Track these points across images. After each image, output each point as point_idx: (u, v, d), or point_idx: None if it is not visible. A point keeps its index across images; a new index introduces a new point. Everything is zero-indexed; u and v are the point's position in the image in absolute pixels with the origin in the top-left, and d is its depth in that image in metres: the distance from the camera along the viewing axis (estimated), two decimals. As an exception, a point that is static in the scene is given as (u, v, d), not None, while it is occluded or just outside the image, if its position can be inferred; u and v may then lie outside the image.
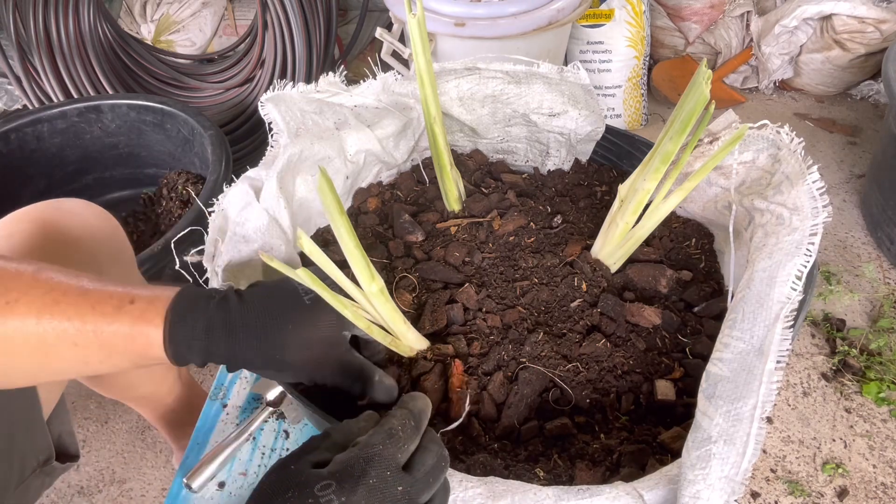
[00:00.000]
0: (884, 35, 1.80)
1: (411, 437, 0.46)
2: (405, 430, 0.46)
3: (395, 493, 0.42)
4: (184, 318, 0.49)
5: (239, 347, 0.50)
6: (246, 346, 0.50)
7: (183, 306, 0.49)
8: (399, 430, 0.45)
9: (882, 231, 1.51)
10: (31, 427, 0.70)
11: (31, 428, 0.70)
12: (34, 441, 0.71)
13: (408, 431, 0.46)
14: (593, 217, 0.83)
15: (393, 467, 0.43)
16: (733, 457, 0.46)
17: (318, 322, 0.52)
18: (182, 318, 0.49)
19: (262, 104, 0.76)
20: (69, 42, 1.75)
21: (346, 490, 0.40)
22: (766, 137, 0.67)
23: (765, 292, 0.54)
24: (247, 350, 0.50)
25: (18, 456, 0.68)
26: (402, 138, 0.87)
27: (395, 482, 0.42)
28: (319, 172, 0.45)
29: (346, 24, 2.30)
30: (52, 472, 0.74)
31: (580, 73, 0.80)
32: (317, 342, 0.52)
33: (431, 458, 0.46)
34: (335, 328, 0.54)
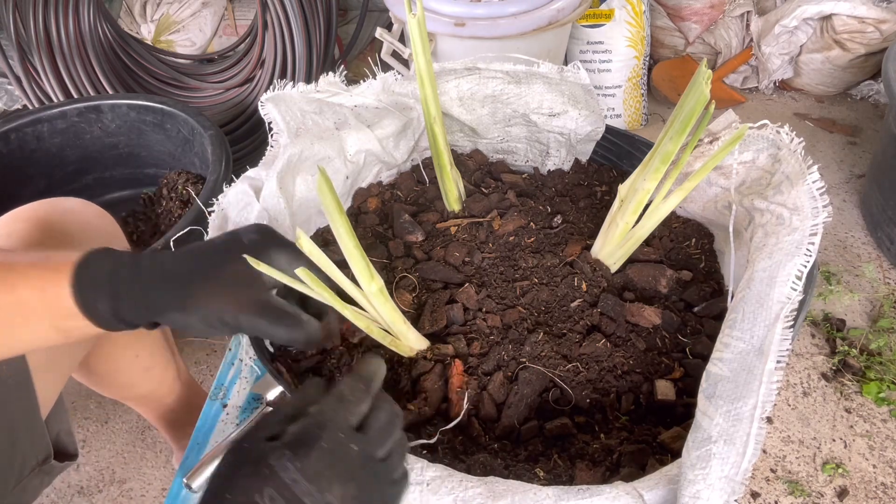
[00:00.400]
0: (884, 35, 1.80)
1: (362, 399, 0.46)
2: (355, 394, 0.46)
3: (351, 452, 0.43)
4: (92, 263, 0.48)
5: (144, 288, 0.48)
6: (151, 286, 0.48)
7: (94, 254, 0.49)
8: (348, 394, 0.46)
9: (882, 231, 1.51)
10: (30, 426, 0.70)
11: (29, 427, 0.70)
12: (33, 440, 0.71)
13: (357, 395, 0.46)
14: (593, 217, 0.83)
15: (345, 429, 0.44)
16: (733, 457, 0.46)
17: (235, 257, 0.49)
18: (90, 263, 0.48)
19: (262, 104, 0.76)
20: (69, 42, 1.75)
21: (301, 456, 0.41)
22: (766, 137, 0.67)
23: (765, 292, 0.54)
24: (151, 289, 0.49)
25: (18, 455, 0.68)
26: (402, 138, 0.87)
27: (348, 442, 0.43)
28: (319, 172, 0.45)
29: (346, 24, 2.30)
30: (50, 471, 0.74)
31: (580, 72, 0.80)
32: (230, 277, 0.49)
33: (384, 415, 0.47)
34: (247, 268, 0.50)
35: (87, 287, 0.48)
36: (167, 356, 1.05)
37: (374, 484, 0.44)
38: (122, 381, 0.98)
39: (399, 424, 0.48)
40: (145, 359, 0.98)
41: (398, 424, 0.48)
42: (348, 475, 0.42)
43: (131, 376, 0.98)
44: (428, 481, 0.50)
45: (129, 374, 0.98)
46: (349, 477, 0.42)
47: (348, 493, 0.42)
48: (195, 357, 1.44)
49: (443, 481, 0.50)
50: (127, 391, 1.02)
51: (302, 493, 0.40)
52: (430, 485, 0.50)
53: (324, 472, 0.41)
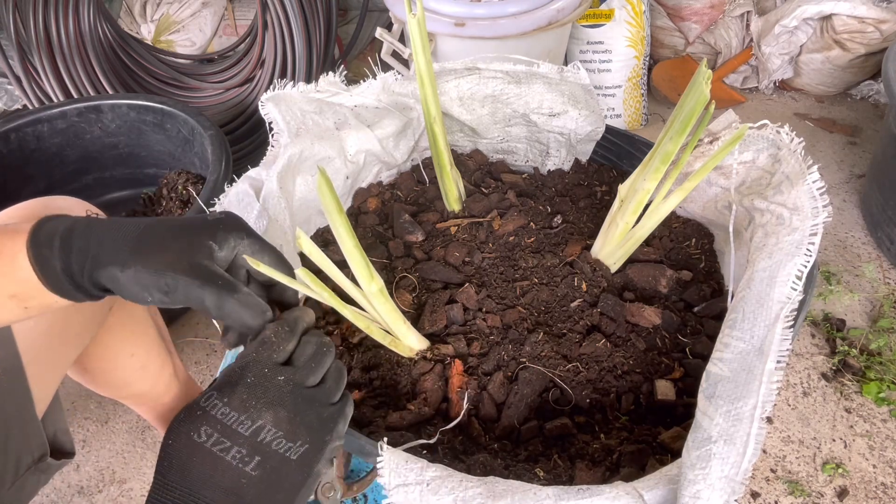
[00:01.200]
0: (884, 35, 1.80)
1: (286, 339, 0.49)
2: (278, 336, 0.49)
3: (278, 382, 0.47)
4: (49, 222, 0.49)
5: (93, 242, 0.48)
6: (99, 241, 0.48)
7: (53, 217, 0.50)
8: (272, 336, 0.48)
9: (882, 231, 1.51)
10: (25, 424, 0.70)
11: (24, 425, 0.70)
12: (28, 438, 0.71)
13: (281, 336, 0.49)
14: (593, 217, 0.83)
15: (270, 365, 0.47)
16: (733, 456, 0.46)
17: (190, 228, 0.49)
18: (47, 222, 0.49)
19: (263, 104, 0.76)
20: (69, 42, 1.75)
21: (227, 393, 0.45)
22: (766, 137, 0.67)
23: (765, 292, 0.54)
24: (99, 244, 0.48)
25: (13, 452, 0.68)
26: (402, 138, 0.87)
27: (273, 375, 0.47)
28: (319, 172, 0.45)
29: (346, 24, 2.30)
30: (47, 469, 0.74)
31: (580, 73, 0.80)
32: (176, 241, 0.48)
33: (310, 348, 0.49)
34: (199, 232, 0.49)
35: (43, 243, 0.48)
36: (163, 355, 1.05)
37: (307, 406, 0.47)
38: (117, 380, 0.98)
39: (330, 355, 0.50)
40: (141, 357, 0.98)
41: (329, 354, 0.50)
42: (277, 401, 0.46)
43: (127, 375, 0.98)
44: (428, 481, 0.50)
45: (124, 373, 0.97)
46: (278, 403, 0.46)
47: (280, 416, 0.46)
48: (195, 357, 1.44)
49: (443, 481, 0.50)
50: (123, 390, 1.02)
51: (234, 423, 0.44)
52: (430, 485, 0.50)
53: (250, 401, 0.45)
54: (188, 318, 1.48)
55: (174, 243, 0.49)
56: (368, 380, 0.66)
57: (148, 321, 0.99)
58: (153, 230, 0.49)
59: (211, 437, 0.44)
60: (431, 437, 0.59)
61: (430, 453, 0.59)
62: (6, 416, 0.67)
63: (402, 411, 0.62)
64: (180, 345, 1.43)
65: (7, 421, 0.67)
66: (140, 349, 0.97)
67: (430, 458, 0.54)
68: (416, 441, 0.58)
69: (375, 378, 0.66)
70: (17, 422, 0.69)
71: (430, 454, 0.58)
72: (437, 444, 0.59)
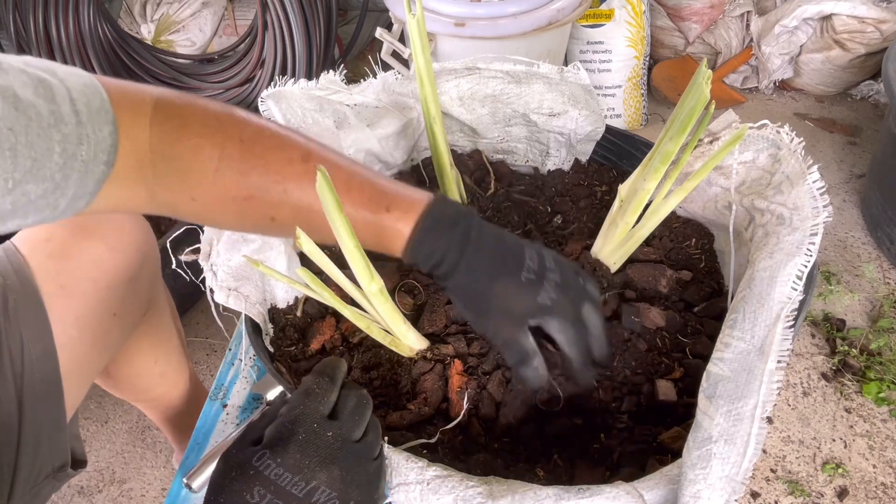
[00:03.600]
0: (884, 35, 1.80)
1: (328, 389, 0.49)
2: (320, 386, 0.49)
3: (327, 438, 0.46)
4: (424, 240, 0.54)
5: (453, 283, 0.56)
6: (455, 286, 0.56)
7: (428, 226, 0.54)
8: (314, 387, 0.49)
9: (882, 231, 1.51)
10: (54, 433, 0.70)
11: (54, 435, 0.70)
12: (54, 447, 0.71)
13: (323, 386, 0.49)
14: (593, 217, 0.83)
15: (318, 419, 0.47)
16: (734, 456, 0.46)
17: (514, 300, 0.55)
18: (423, 240, 0.54)
19: (263, 100, 0.76)
20: (69, 42, 1.75)
21: (279, 452, 0.44)
22: (766, 137, 0.67)
23: (765, 292, 0.54)
24: (455, 289, 0.56)
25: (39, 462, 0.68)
26: (402, 138, 0.87)
27: (323, 430, 0.46)
28: (318, 172, 0.45)
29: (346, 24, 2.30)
30: (63, 477, 0.74)
31: (580, 73, 0.80)
32: (502, 313, 0.55)
33: (352, 400, 0.50)
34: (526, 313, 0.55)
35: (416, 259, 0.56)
36: (182, 360, 1.05)
37: (356, 463, 0.47)
38: (139, 385, 0.99)
39: (369, 407, 0.51)
40: (162, 364, 0.98)
41: (368, 407, 0.51)
42: (329, 459, 0.45)
43: (149, 381, 0.99)
44: (428, 481, 0.50)
45: (146, 379, 0.98)
46: (330, 461, 0.45)
47: (333, 475, 0.45)
48: (195, 357, 1.44)
49: (443, 481, 0.50)
50: (142, 394, 1.02)
51: (288, 485, 0.43)
52: (430, 484, 0.50)
53: (304, 461, 0.44)
54: (188, 318, 1.48)
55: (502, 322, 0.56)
56: (368, 380, 0.66)
57: (172, 329, 1.00)
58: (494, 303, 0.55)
59: (264, 497, 0.43)
60: (431, 436, 0.59)
61: (430, 453, 0.59)
62: (40, 426, 0.66)
63: (402, 411, 0.62)
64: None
65: (40, 431, 0.67)
66: (163, 356, 0.98)
67: (431, 458, 0.54)
68: (416, 441, 0.58)
69: (375, 378, 0.66)
70: (47, 431, 0.69)
71: (430, 454, 0.58)
72: (438, 443, 0.59)
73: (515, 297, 0.54)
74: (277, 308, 0.74)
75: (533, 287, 0.54)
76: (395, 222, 0.54)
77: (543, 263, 0.56)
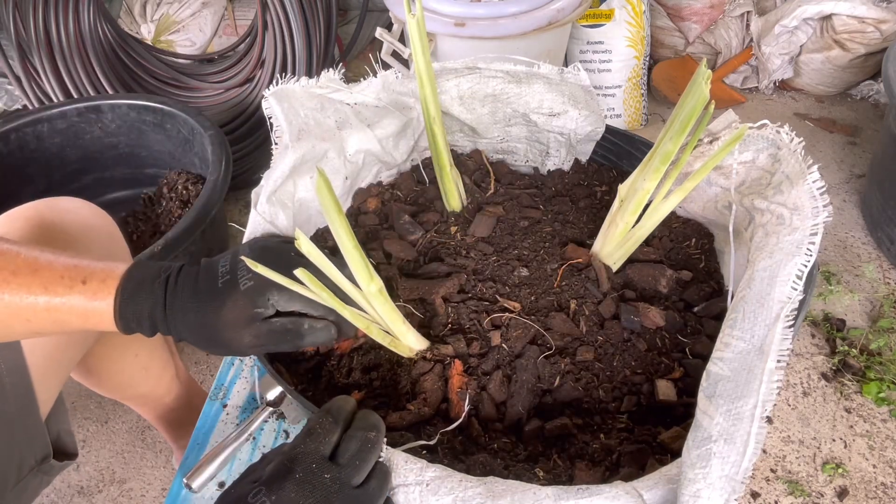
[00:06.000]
0: (884, 35, 1.80)
1: (330, 430, 0.49)
2: (323, 427, 0.49)
3: (324, 480, 0.45)
4: (131, 299, 0.54)
5: (175, 329, 0.55)
6: (181, 328, 0.55)
7: (131, 287, 0.54)
8: (317, 427, 0.49)
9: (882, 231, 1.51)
10: (29, 426, 0.70)
11: (28, 426, 0.70)
12: (31, 439, 0.71)
13: (326, 426, 0.49)
14: (593, 217, 0.83)
15: (318, 459, 0.46)
16: (734, 456, 0.46)
17: (223, 308, 0.54)
18: (129, 300, 0.54)
19: (266, 97, 0.76)
20: (69, 42, 1.75)
21: (275, 489, 0.44)
22: (766, 137, 0.67)
23: (765, 292, 0.54)
24: (182, 331, 0.55)
25: (16, 455, 0.68)
26: (402, 138, 0.87)
27: (321, 471, 0.46)
28: (318, 173, 0.45)
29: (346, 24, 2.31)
30: (49, 470, 0.75)
31: (580, 74, 0.80)
32: (228, 325, 0.54)
33: (355, 443, 0.49)
34: (243, 309, 0.54)
35: (130, 321, 0.54)
36: (166, 356, 1.05)
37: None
38: (120, 381, 0.98)
39: (374, 452, 0.49)
40: (144, 358, 0.98)
41: (373, 452, 0.49)
42: (324, 501, 0.44)
43: (130, 376, 0.98)
44: (427, 481, 0.50)
45: (128, 374, 0.97)
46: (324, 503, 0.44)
47: None
48: (195, 357, 1.44)
49: (442, 481, 0.50)
50: (126, 391, 1.02)
51: None
52: (429, 485, 0.50)
53: (299, 500, 0.44)
54: (188, 318, 1.48)
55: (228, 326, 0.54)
56: (368, 380, 0.66)
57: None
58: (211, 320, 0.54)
59: None
60: (431, 437, 0.59)
61: (429, 453, 0.59)
62: (10, 416, 0.67)
63: (402, 411, 0.62)
64: (180, 346, 1.43)
65: (11, 422, 0.67)
66: (143, 350, 0.98)
67: (430, 459, 0.54)
68: (416, 441, 0.58)
69: (375, 378, 0.66)
70: (20, 423, 0.69)
71: (429, 454, 0.58)
72: (437, 444, 0.59)
73: (226, 305, 0.54)
74: (277, 308, 0.74)
75: (232, 285, 0.54)
76: (94, 295, 0.53)
77: (236, 258, 0.56)
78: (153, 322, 0.55)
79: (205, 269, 0.57)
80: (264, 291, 0.54)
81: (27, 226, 0.72)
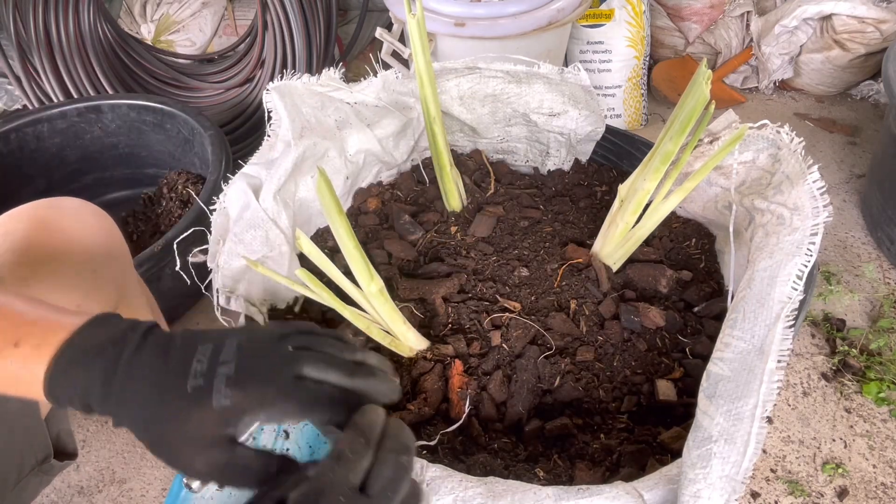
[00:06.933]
0: (884, 35, 1.80)
1: (362, 454, 0.43)
2: (354, 450, 0.43)
3: None
4: (64, 375, 0.45)
5: (116, 416, 0.46)
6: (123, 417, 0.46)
7: (67, 360, 0.45)
8: (347, 451, 0.43)
9: (882, 231, 1.51)
10: (29, 425, 0.70)
11: (28, 426, 0.70)
12: (32, 439, 0.71)
13: (357, 450, 0.43)
14: (593, 217, 0.83)
15: (346, 492, 0.41)
16: (734, 456, 0.46)
17: (186, 421, 0.45)
18: (63, 375, 0.45)
19: (268, 91, 0.76)
20: (69, 42, 1.75)
21: None
22: (766, 137, 0.67)
23: (765, 292, 0.54)
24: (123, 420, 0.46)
25: (17, 454, 0.68)
26: (402, 138, 0.87)
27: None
28: (318, 173, 0.45)
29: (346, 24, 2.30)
30: (50, 470, 0.74)
31: (580, 74, 0.80)
32: (183, 440, 0.45)
33: (388, 470, 0.43)
34: (208, 429, 0.45)
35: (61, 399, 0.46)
36: None
37: None
38: None
39: (407, 477, 0.44)
40: None
41: (406, 477, 0.44)
42: None
43: None
44: (428, 481, 0.50)
45: None
46: None
47: None
48: (195, 357, 1.44)
49: (443, 481, 0.50)
50: None
51: None
52: (429, 485, 0.50)
53: None
54: (188, 318, 1.48)
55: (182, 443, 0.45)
56: (368, 380, 0.66)
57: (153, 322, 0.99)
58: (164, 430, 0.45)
59: None
60: (432, 437, 0.59)
61: (430, 453, 0.59)
62: (10, 416, 0.66)
63: (402, 411, 0.62)
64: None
65: (11, 421, 0.67)
66: None
67: (430, 459, 0.54)
68: (416, 442, 0.58)
69: (375, 378, 0.66)
70: (21, 422, 0.69)
71: (430, 454, 0.58)
72: (437, 444, 0.59)
73: (190, 419, 0.44)
74: (277, 308, 0.74)
75: (203, 395, 0.44)
76: (24, 362, 0.45)
77: (216, 358, 0.46)
78: (86, 404, 0.45)
79: (177, 356, 0.46)
80: (242, 418, 0.45)
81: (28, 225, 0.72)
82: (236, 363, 0.46)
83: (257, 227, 0.69)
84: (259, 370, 0.46)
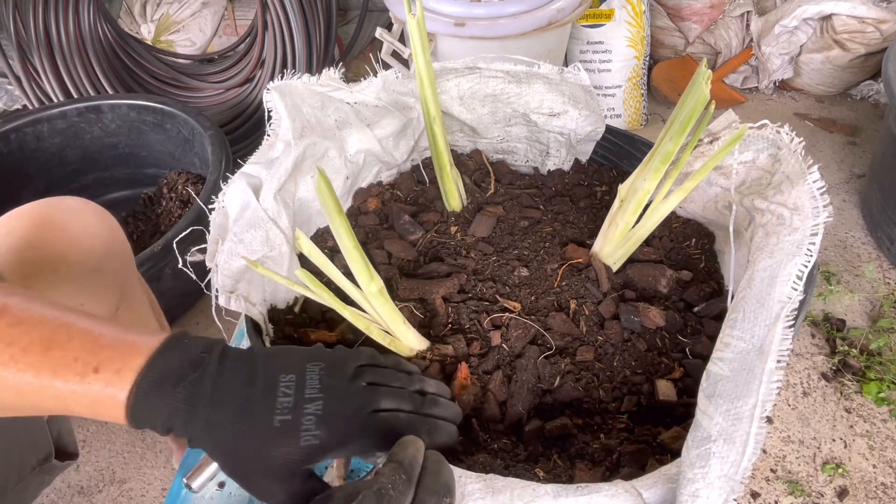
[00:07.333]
0: (884, 35, 1.80)
1: (404, 492, 0.42)
2: (396, 487, 0.42)
3: None
4: (147, 400, 0.45)
5: (197, 440, 0.47)
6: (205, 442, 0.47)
7: (148, 384, 0.45)
8: (389, 488, 0.41)
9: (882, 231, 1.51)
10: (31, 425, 0.70)
11: (30, 426, 0.70)
12: (34, 439, 0.71)
13: (399, 487, 0.42)
14: (593, 217, 0.83)
15: None
16: (733, 456, 0.46)
17: (272, 455, 0.45)
18: (146, 400, 0.45)
19: (269, 90, 0.76)
20: (69, 42, 1.75)
21: None
22: (766, 137, 0.67)
23: (765, 292, 0.54)
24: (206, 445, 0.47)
25: (18, 454, 0.68)
26: (402, 138, 0.87)
27: None
28: (318, 173, 0.45)
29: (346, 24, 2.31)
30: (51, 470, 0.75)
31: (580, 74, 0.80)
32: (267, 471, 0.46)
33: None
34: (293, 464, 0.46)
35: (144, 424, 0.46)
36: None
37: None
38: None
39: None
40: None
41: None
42: None
43: None
44: (428, 481, 0.50)
45: None
46: None
47: None
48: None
49: (443, 481, 0.50)
50: None
51: None
52: (430, 484, 0.50)
53: None
54: (188, 318, 1.48)
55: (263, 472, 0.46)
56: (368, 380, 0.66)
57: (154, 324, 0.99)
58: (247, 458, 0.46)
59: None
60: (431, 436, 0.59)
61: (430, 453, 0.59)
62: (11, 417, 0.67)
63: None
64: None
65: (12, 421, 0.67)
66: None
67: (430, 458, 0.54)
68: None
69: (375, 378, 0.66)
70: (22, 422, 0.69)
71: (430, 454, 0.58)
72: (437, 443, 0.59)
73: (277, 452, 0.45)
74: (277, 308, 0.74)
75: (291, 431, 0.45)
76: (105, 388, 0.45)
77: (301, 394, 0.47)
78: (170, 429, 0.46)
79: (261, 386, 0.47)
80: (325, 455, 0.46)
81: (30, 224, 0.72)
82: (323, 403, 0.46)
83: (257, 226, 0.68)
84: (343, 411, 0.47)
